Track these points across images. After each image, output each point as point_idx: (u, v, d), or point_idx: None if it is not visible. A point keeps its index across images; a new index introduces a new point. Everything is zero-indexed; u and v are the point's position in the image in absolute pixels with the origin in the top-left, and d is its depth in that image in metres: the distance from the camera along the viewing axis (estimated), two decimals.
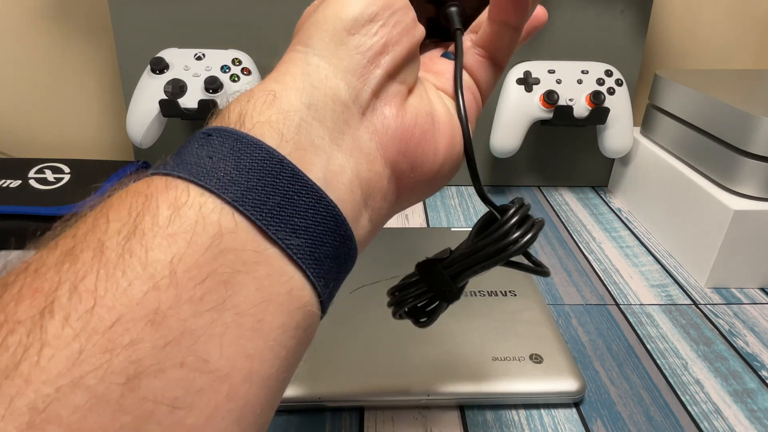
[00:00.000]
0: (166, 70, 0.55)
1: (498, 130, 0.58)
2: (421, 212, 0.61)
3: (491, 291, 0.43)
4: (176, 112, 0.54)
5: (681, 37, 0.73)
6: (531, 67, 0.58)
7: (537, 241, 0.55)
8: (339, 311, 0.41)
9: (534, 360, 0.36)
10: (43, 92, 0.72)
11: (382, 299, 0.43)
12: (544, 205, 0.63)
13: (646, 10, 0.61)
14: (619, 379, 0.38)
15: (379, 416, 0.34)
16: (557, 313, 0.44)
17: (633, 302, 0.46)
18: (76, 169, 0.56)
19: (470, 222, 0.59)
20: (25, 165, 0.56)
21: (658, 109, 0.59)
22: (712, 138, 0.50)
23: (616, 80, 0.58)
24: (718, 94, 0.51)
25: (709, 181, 0.50)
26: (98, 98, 0.73)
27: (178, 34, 0.60)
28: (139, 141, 0.55)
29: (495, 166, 0.67)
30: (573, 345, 0.41)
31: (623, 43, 0.62)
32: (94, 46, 0.69)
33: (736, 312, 0.45)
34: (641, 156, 0.60)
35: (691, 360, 0.40)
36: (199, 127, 0.20)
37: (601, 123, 0.58)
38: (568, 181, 0.68)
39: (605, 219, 0.60)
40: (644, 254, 0.53)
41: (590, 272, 0.50)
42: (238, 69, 0.56)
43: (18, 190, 0.52)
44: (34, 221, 0.50)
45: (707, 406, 0.36)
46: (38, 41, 0.69)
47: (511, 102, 0.58)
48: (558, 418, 0.34)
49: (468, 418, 0.34)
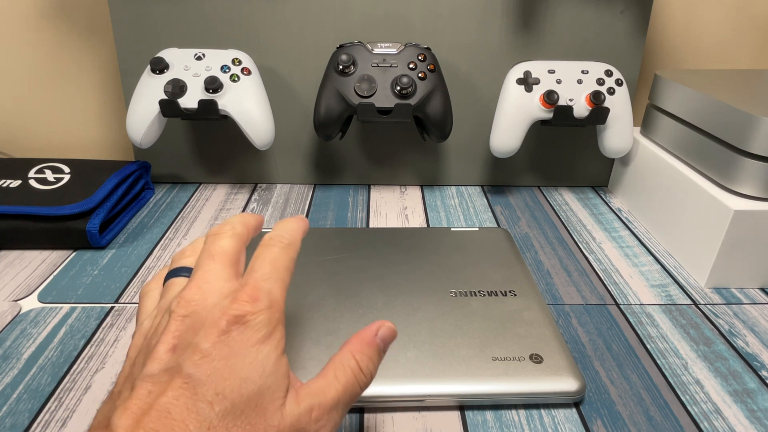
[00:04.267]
0: (166, 70, 0.55)
1: (498, 130, 0.58)
2: (421, 212, 0.61)
3: (491, 291, 0.43)
4: (176, 112, 0.54)
5: (681, 37, 0.73)
6: (531, 67, 0.58)
7: (537, 240, 0.55)
8: (339, 312, 0.41)
9: (534, 360, 0.36)
10: (43, 92, 0.72)
11: (382, 299, 0.43)
12: (544, 205, 0.63)
13: (646, 10, 0.61)
14: (619, 379, 0.38)
15: (379, 416, 0.34)
16: (557, 313, 0.44)
17: (633, 302, 0.46)
18: (76, 169, 0.56)
19: (470, 222, 0.59)
20: (25, 165, 0.56)
21: (658, 109, 0.59)
22: (712, 138, 0.50)
23: (616, 80, 0.58)
24: (718, 94, 0.51)
25: (709, 181, 0.50)
26: (98, 98, 0.73)
27: (178, 34, 0.60)
28: (139, 141, 0.55)
29: (495, 166, 0.67)
30: (573, 345, 0.41)
31: (623, 43, 0.62)
32: (94, 46, 0.70)
33: (736, 312, 0.45)
34: (641, 156, 0.60)
35: (691, 360, 0.40)
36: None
37: (601, 123, 0.58)
38: (568, 181, 0.68)
39: (605, 219, 0.60)
40: (644, 254, 0.53)
41: (590, 272, 0.50)
42: (238, 69, 0.56)
43: (18, 190, 0.52)
44: (34, 221, 0.50)
45: (707, 406, 0.36)
46: (38, 41, 0.69)
47: (511, 102, 0.58)
48: (558, 418, 0.34)
49: (468, 418, 0.34)
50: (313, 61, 0.62)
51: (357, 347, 0.27)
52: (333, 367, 0.27)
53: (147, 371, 0.23)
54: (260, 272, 0.26)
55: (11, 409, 0.34)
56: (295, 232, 0.30)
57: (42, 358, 0.38)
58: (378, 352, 0.28)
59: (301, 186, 0.67)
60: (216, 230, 0.29)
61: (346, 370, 0.27)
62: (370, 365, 0.27)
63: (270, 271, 0.27)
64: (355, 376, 0.27)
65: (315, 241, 0.50)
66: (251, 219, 0.31)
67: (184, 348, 0.24)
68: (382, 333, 0.28)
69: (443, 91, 0.57)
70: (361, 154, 0.66)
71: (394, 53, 0.57)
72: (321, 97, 0.57)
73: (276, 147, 0.66)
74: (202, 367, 0.23)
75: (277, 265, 0.27)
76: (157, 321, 0.26)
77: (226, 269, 0.27)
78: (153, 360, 0.23)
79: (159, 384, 0.23)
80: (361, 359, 0.27)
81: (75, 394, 0.35)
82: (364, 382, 0.27)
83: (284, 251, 0.28)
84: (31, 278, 0.47)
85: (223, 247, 0.28)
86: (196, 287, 0.26)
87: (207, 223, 0.57)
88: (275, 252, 0.28)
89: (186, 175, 0.67)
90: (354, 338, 0.28)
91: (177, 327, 0.24)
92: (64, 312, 0.43)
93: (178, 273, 0.29)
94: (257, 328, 0.24)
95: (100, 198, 0.52)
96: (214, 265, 0.27)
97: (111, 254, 0.51)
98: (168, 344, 0.24)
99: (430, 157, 0.67)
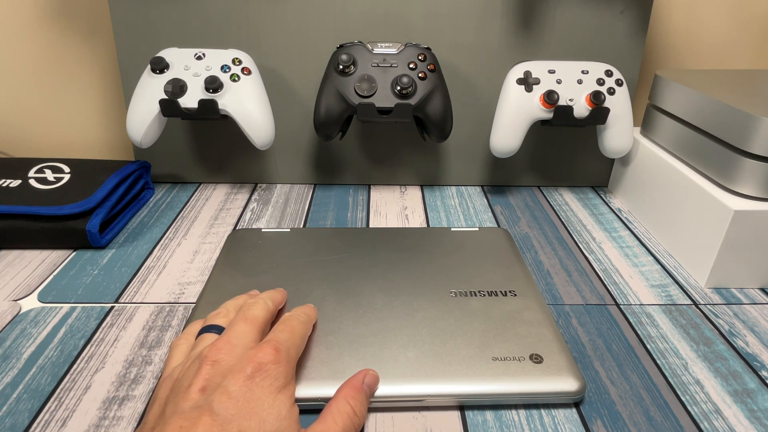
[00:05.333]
0: (166, 70, 0.55)
1: (498, 130, 0.58)
2: (421, 212, 0.61)
3: (491, 291, 0.43)
4: (176, 111, 0.54)
5: (681, 37, 0.73)
6: (531, 67, 0.58)
7: (537, 240, 0.55)
8: (338, 313, 0.41)
9: (534, 360, 0.36)
10: (43, 92, 0.72)
11: (382, 299, 0.43)
12: (544, 205, 0.63)
13: (646, 10, 0.61)
14: (619, 379, 0.38)
15: (379, 416, 0.34)
16: (557, 313, 0.44)
17: (633, 302, 0.46)
18: (76, 169, 0.56)
19: (470, 222, 0.59)
20: (25, 165, 0.56)
21: (658, 109, 0.59)
22: (712, 138, 0.50)
23: (616, 80, 0.58)
24: (718, 94, 0.51)
25: (709, 181, 0.50)
26: (98, 98, 0.73)
27: (178, 34, 0.60)
28: (139, 141, 0.55)
29: (495, 166, 0.67)
30: (573, 345, 0.41)
31: (623, 43, 0.62)
32: (94, 46, 0.70)
33: (736, 312, 0.45)
34: (641, 156, 0.60)
35: (691, 360, 0.40)
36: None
37: (601, 123, 0.58)
38: (568, 181, 0.68)
39: (605, 219, 0.60)
40: (644, 254, 0.53)
41: (590, 272, 0.50)
42: (238, 69, 0.56)
43: (18, 190, 0.52)
44: (34, 221, 0.50)
45: (707, 406, 0.36)
46: (38, 41, 0.69)
47: (511, 102, 0.58)
48: (558, 418, 0.34)
49: (468, 418, 0.34)
50: (313, 61, 0.62)
51: (350, 393, 0.32)
52: (331, 413, 0.30)
53: (179, 408, 0.27)
54: (281, 335, 0.32)
55: (11, 409, 0.34)
56: (312, 316, 0.37)
57: (42, 358, 0.38)
58: (366, 397, 0.33)
59: (301, 186, 0.67)
60: (253, 301, 0.35)
61: (343, 414, 0.30)
62: (362, 408, 0.32)
63: (289, 337, 0.32)
64: (350, 419, 0.31)
65: (315, 241, 0.50)
66: (278, 296, 0.38)
67: (214, 389, 0.27)
68: (368, 381, 0.33)
69: (443, 91, 0.57)
70: (361, 154, 0.66)
71: (395, 53, 0.57)
72: (321, 97, 0.57)
73: (276, 147, 0.66)
74: (229, 407, 0.26)
75: (295, 332, 0.33)
76: (188, 366, 0.30)
77: (255, 332, 0.32)
78: (185, 399, 0.27)
79: (189, 420, 0.26)
80: (355, 404, 0.31)
81: (75, 393, 0.35)
82: (358, 423, 0.31)
83: (301, 325, 0.34)
84: (31, 278, 0.47)
85: (255, 314, 0.33)
86: (227, 340, 0.30)
87: (207, 223, 0.57)
88: (294, 324, 0.34)
89: (186, 175, 0.67)
90: (345, 386, 0.32)
91: (207, 371, 0.28)
92: (64, 312, 0.43)
93: (210, 329, 0.33)
94: (276, 377, 0.29)
95: (100, 198, 0.52)
96: (246, 326, 0.32)
97: (111, 254, 0.51)
98: (199, 385, 0.28)
99: (430, 157, 0.67)
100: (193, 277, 0.48)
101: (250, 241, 0.50)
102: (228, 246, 0.50)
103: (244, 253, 0.48)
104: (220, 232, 0.55)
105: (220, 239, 0.54)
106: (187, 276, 0.48)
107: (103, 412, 0.34)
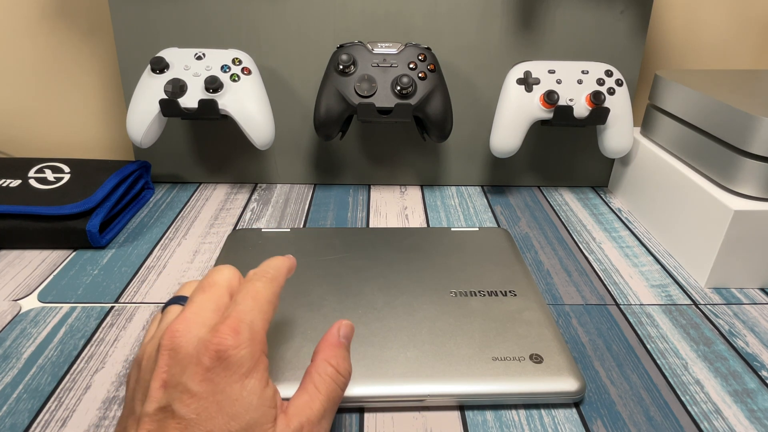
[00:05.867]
0: (166, 70, 0.55)
1: (498, 130, 0.58)
2: (421, 212, 0.61)
3: (491, 291, 0.43)
4: (176, 111, 0.54)
5: (681, 37, 0.73)
6: (531, 67, 0.58)
7: (537, 240, 0.55)
8: (338, 313, 0.41)
9: (534, 360, 0.36)
10: (43, 92, 0.72)
11: (382, 299, 0.43)
12: (544, 205, 0.63)
13: (646, 10, 0.61)
14: (619, 379, 0.38)
15: (379, 417, 0.34)
16: (557, 313, 0.44)
17: (633, 302, 0.46)
18: (76, 169, 0.56)
19: (470, 222, 0.59)
20: (25, 165, 0.56)
21: (658, 109, 0.59)
22: (712, 138, 0.50)
23: (616, 80, 0.58)
24: (718, 94, 0.51)
25: (709, 181, 0.50)
26: (98, 98, 0.73)
27: (178, 34, 0.60)
28: (139, 141, 0.55)
29: (495, 166, 0.67)
30: (573, 345, 0.41)
31: (623, 43, 0.62)
32: (94, 45, 0.70)
33: (736, 312, 0.45)
34: (641, 156, 0.60)
35: (691, 360, 0.40)
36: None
37: (601, 123, 0.58)
38: (568, 181, 0.68)
39: (605, 219, 0.60)
40: (644, 254, 0.53)
41: (590, 272, 0.50)
42: (238, 69, 0.56)
43: (18, 189, 0.52)
44: (34, 221, 0.50)
45: (707, 406, 0.36)
46: (38, 41, 0.69)
47: (511, 102, 0.58)
48: (558, 418, 0.34)
49: (468, 418, 0.34)
50: (313, 61, 0.62)
51: (329, 352, 0.30)
52: (311, 380, 0.28)
53: (146, 410, 0.25)
54: (242, 305, 0.28)
55: (11, 409, 0.34)
56: (280, 268, 0.32)
57: (42, 358, 0.38)
58: (346, 349, 0.30)
59: (301, 186, 0.67)
60: (218, 267, 0.31)
61: (324, 378, 0.28)
62: (344, 364, 0.30)
63: (252, 304, 0.28)
64: (334, 381, 0.29)
65: (315, 241, 0.50)
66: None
67: (174, 385, 0.25)
68: (343, 332, 0.31)
69: (443, 91, 0.57)
70: (361, 154, 0.66)
71: (395, 53, 0.57)
72: (321, 97, 0.57)
73: (276, 147, 0.66)
74: (192, 407, 0.25)
75: (259, 298, 0.29)
76: (148, 352, 0.28)
77: (215, 301, 0.28)
78: (149, 399, 0.25)
79: (157, 423, 0.25)
80: (336, 363, 0.29)
81: (75, 393, 0.35)
82: (343, 382, 0.29)
83: (267, 285, 0.30)
84: (31, 278, 0.47)
85: (214, 280, 0.30)
86: (183, 318, 0.27)
87: (207, 223, 0.57)
88: (258, 286, 0.29)
89: (186, 175, 0.67)
90: (322, 345, 0.30)
91: (165, 362, 0.26)
92: (64, 312, 0.43)
93: (178, 301, 0.31)
94: (240, 363, 0.26)
95: (100, 198, 0.52)
96: (203, 296, 0.29)
97: (111, 254, 0.51)
98: (159, 380, 0.26)
99: (430, 157, 0.67)
100: (193, 277, 0.48)
101: (250, 241, 0.50)
102: (228, 246, 0.50)
103: (244, 253, 0.48)
104: (220, 232, 0.55)
105: (220, 239, 0.54)
106: (187, 276, 0.48)
107: (103, 412, 0.34)
